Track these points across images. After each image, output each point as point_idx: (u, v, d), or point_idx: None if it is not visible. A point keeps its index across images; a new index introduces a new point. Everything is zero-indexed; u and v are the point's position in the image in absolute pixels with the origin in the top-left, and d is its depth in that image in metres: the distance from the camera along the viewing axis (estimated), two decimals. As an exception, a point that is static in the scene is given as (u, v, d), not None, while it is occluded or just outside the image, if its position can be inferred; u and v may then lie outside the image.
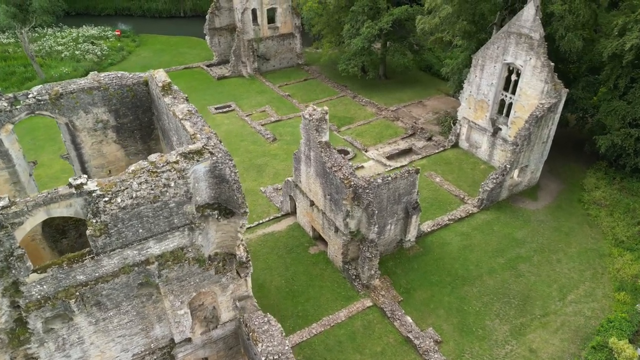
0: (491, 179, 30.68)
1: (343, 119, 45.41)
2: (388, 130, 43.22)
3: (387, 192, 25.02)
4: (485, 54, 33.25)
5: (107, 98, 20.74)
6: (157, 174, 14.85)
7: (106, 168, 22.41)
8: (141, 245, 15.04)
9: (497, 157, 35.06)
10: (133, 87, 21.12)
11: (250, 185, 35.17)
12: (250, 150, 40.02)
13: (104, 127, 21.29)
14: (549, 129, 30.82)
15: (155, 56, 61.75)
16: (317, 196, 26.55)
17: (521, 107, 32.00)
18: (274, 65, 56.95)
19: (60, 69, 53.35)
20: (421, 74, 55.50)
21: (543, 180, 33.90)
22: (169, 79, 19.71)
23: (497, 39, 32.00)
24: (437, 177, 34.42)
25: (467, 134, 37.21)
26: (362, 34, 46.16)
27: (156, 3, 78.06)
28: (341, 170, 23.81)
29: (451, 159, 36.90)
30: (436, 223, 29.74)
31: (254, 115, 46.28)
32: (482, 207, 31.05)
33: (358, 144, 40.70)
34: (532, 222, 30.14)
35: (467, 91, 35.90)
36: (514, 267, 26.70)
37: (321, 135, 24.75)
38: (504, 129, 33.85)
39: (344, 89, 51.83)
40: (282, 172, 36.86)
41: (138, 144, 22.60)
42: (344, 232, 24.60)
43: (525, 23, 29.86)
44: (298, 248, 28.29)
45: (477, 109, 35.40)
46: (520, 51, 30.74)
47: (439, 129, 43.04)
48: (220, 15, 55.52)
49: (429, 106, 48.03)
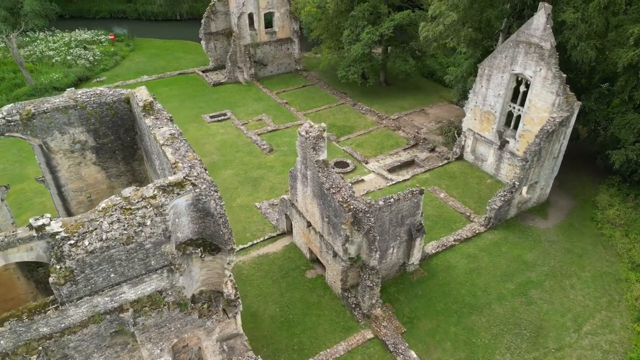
0: (499, 196, 28.97)
1: (342, 129, 43.71)
2: (389, 141, 41.51)
3: (389, 214, 23.32)
4: (492, 64, 31.55)
5: (84, 117, 19.06)
6: (131, 211, 13.15)
7: (85, 191, 20.73)
8: (113, 291, 13.35)
9: (504, 172, 33.35)
10: (113, 105, 19.42)
11: (245, 201, 33.48)
12: (245, 162, 38.33)
13: (82, 148, 19.61)
14: (560, 144, 29.12)
15: (149, 61, 60.04)
16: (314, 217, 24.86)
17: (530, 120, 30.29)
18: (271, 71, 55.25)
19: (51, 75, 51.62)
20: (423, 80, 53.78)
21: (553, 197, 32.19)
22: (150, 97, 18.01)
23: (504, 48, 30.29)
24: (441, 193, 32.70)
25: (473, 146, 35.50)
26: (362, 39, 44.45)
27: (152, 6, 76.31)
28: (340, 192, 22.11)
29: (456, 172, 35.18)
30: (441, 244, 28.03)
31: (250, 124, 44.59)
32: (490, 226, 29.34)
33: (358, 155, 39.00)
34: (542, 243, 28.42)
35: (472, 102, 34.20)
36: (524, 294, 24.99)
37: (318, 154, 23.04)
38: (512, 142, 32.14)
39: (343, 96, 50.13)
40: (279, 186, 35.18)
41: (120, 165, 20.92)
42: (343, 257, 22.90)
43: (535, 32, 28.15)
44: (294, 271, 26.59)
45: (483, 120, 33.69)
46: (529, 61, 29.03)
47: (442, 139, 41.32)
48: (216, 20, 53.81)
49: (431, 114, 46.32)
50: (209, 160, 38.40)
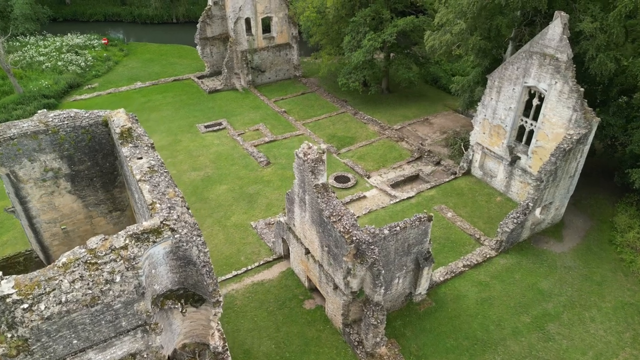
0: (511, 218, 27.01)
1: (343, 139, 41.78)
2: (392, 153, 39.56)
3: (394, 243, 21.36)
4: (502, 75, 29.60)
5: (57, 143, 17.11)
6: (98, 266, 11.21)
7: (60, 223, 18.77)
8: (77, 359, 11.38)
9: (515, 189, 31.39)
10: (89, 129, 17.48)
11: (240, 219, 31.53)
12: (241, 176, 36.38)
13: (55, 176, 17.65)
14: (577, 162, 27.17)
15: (143, 67, 58.11)
16: (313, 245, 22.90)
17: (544, 136, 28.34)
18: (269, 77, 53.32)
19: (40, 82, 49.64)
20: (427, 87, 51.84)
21: (568, 216, 30.25)
22: (129, 122, 16.06)
23: (516, 59, 28.33)
24: (448, 212, 30.74)
25: (481, 161, 33.54)
26: (363, 46, 42.51)
27: (147, 9, 74.37)
28: (341, 221, 20.15)
29: (463, 189, 33.22)
30: (449, 270, 26.06)
31: (246, 135, 42.64)
32: (501, 250, 27.39)
33: (359, 168, 37.04)
34: (558, 269, 26.46)
35: (481, 114, 32.24)
36: (541, 328, 23.03)
37: (318, 178, 21.09)
38: (524, 159, 30.19)
39: (343, 104, 48.18)
40: (276, 203, 33.23)
41: (99, 193, 18.97)
42: (345, 291, 20.94)
43: (551, 42, 26.20)
44: (291, 301, 24.62)
45: (493, 134, 31.74)
46: (544, 74, 27.09)
47: (447, 151, 39.37)
48: (212, 24, 51.86)
49: (435, 124, 44.37)
50: (203, 174, 36.49)
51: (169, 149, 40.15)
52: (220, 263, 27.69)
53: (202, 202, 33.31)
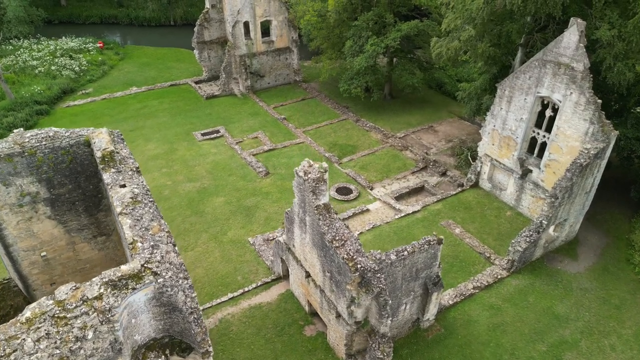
0: (523, 236, 25.51)
1: (345, 148, 40.28)
2: (396, 162, 38.06)
3: (402, 269, 19.88)
4: (513, 84, 28.10)
5: (34, 165, 15.62)
6: (67, 320, 9.72)
7: (40, 250, 17.28)
8: None
9: (526, 203, 29.89)
10: (70, 150, 16.00)
11: (237, 235, 30.05)
12: (238, 187, 34.89)
13: (33, 201, 16.17)
14: (593, 178, 25.68)
15: (139, 71, 56.62)
16: (314, 268, 21.41)
17: (558, 149, 26.84)
18: (268, 82, 51.83)
19: (32, 87, 48.16)
20: (431, 93, 50.33)
21: (582, 233, 28.75)
22: (111, 145, 14.54)
23: (529, 68, 26.84)
24: (456, 228, 29.23)
25: (490, 174, 32.03)
26: (366, 51, 41.02)
27: (144, 11, 72.88)
28: (344, 246, 18.66)
29: (471, 202, 31.72)
30: (459, 292, 24.56)
31: (245, 143, 41.17)
32: (513, 270, 25.89)
33: (362, 179, 35.55)
34: (574, 291, 24.96)
35: (489, 125, 30.74)
36: (558, 358, 21.52)
37: (319, 198, 19.60)
38: (535, 172, 28.69)
39: (345, 110, 46.69)
40: (274, 217, 31.76)
41: (82, 218, 17.48)
42: (348, 321, 19.45)
43: (566, 51, 24.71)
44: (291, 327, 23.12)
45: (502, 146, 30.24)
46: (558, 84, 25.59)
47: (453, 161, 37.87)
48: (210, 28, 50.42)
49: (440, 132, 42.87)
50: (199, 185, 35.01)
51: (164, 158, 38.69)
52: (215, 283, 26.21)
53: (197, 216, 31.84)
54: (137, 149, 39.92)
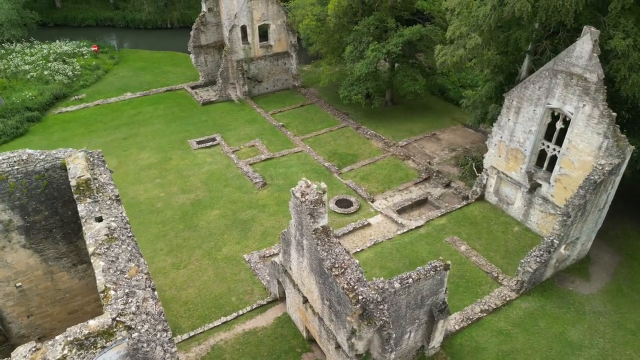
0: (533, 256, 24.16)
1: (345, 157, 38.95)
2: (398, 173, 36.74)
3: (406, 297, 18.54)
4: (522, 95, 26.77)
5: (6, 192, 14.30)
6: (23, 390, 8.36)
7: (14, 281, 15.93)
8: None
9: (534, 219, 28.55)
10: (45, 174, 14.66)
11: (232, 251, 28.73)
12: (234, 199, 33.56)
13: (6, 229, 14.85)
14: (607, 194, 24.35)
15: (134, 76, 55.28)
16: (312, 295, 20.07)
17: (569, 163, 25.51)
18: (266, 87, 50.49)
19: (24, 93, 46.80)
20: (433, 99, 49.00)
21: (594, 250, 27.42)
22: (87, 172, 13.19)
23: (538, 78, 25.50)
24: (461, 245, 27.89)
25: (496, 187, 30.69)
26: (367, 57, 39.69)
27: (140, 13, 71.50)
28: (345, 274, 17.32)
29: (477, 217, 30.38)
30: (465, 316, 23.21)
31: (241, 152, 39.83)
32: (522, 292, 24.55)
33: (363, 191, 34.21)
34: (587, 315, 23.62)
35: (496, 136, 29.40)
36: (572, 389, 20.21)
37: (317, 222, 18.26)
38: (545, 186, 27.35)
39: (345, 117, 45.36)
40: (271, 231, 30.45)
41: (60, 246, 16.14)
42: (349, 354, 18.11)
43: (578, 61, 23.38)
44: (288, 355, 21.78)
45: (510, 158, 28.91)
46: (570, 95, 24.26)
47: (457, 171, 36.53)
48: (207, 32, 49.15)
49: (443, 140, 41.54)
50: (193, 197, 33.67)
51: (158, 167, 37.35)
52: (208, 304, 24.88)
53: (191, 230, 30.51)
54: (130, 158, 38.63)
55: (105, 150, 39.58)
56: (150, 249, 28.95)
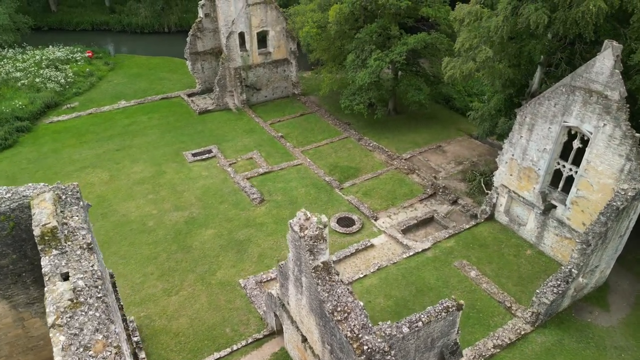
0: (550, 287, 22.48)
1: (346, 171, 37.29)
2: (402, 188, 35.07)
3: (415, 341, 16.88)
4: (536, 111, 25.10)
5: (-35, 235, 12.59)
6: None
7: (-21, 330, 14.27)
8: None
9: (548, 242, 26.88)
10: (11, 215, 13.03)
11: (227, 275, 27.11)
12: (230, 217, 31.92)
13: (-33, 276, 13.14)
14: (629, 220, 22.68)
15: (129, 83, 53.62)
16: (311, 335, 18.42)
17: (587, 186, 23.83)
18: (265, 95, 48.83)
19: (14, 102, 45.14)
20: (438, 107, 47.31)
21: (612, 277, 25.76)
22: (53, 219, 11.52)
23: (554, 94, 23.84)
24: (471, 270, 26.22)
25: (507, 206, 29.03)
26: (369, 66, 38.02)
27: (137, 18, 69.86)
28: (348, 320, 15.65)
29: (487, 238, 28.71)
30: (478, 353, 21.54)
31: (238, 164, 38.19)
32: (538, 324, 22.86)
33: (365, 208, 32.56)
34: (608, 350, 21.95)
35: (507, 153, 27.74)
36: None
37: (317, 258, 16.61)
38: (560, 209, 25.68)
39: (346, 127, 43.71)
40: (269, 253, 28.84)
41: (31, 290, 14.47)
42: (352, 405, 16.42)
43: (598, 77, 21.71)
44: (285, 397, 20.14)
45: (522, 177, 27.24)
46: (589, 113, 22.59)
47: (465, 187, 34.85)
48: (204, 38, 47.50)
49: (449, 153, 39.86)
50: (187, 215, 32.03)
51: (151, 182, 35.71)
52: (201, 337, 23.23)
53: (184, 252, 28.87)
54: (123, 172, 37.01)
55: (97, 163, 38.05)
56: (140, 273, 27.32)
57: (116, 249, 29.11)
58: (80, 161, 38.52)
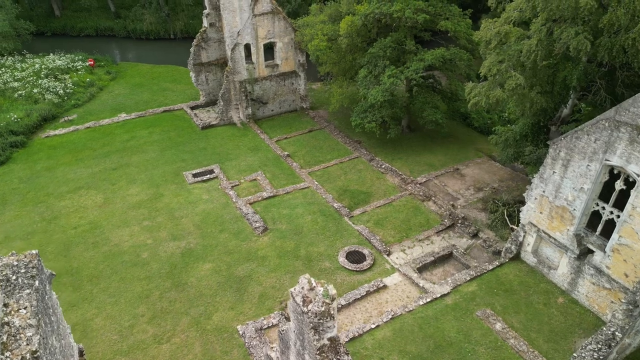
0: (589, 350, 19.65)
1: (357, 196, 34.64)
2: (417, 217, 32.34)
3: None
4: (572, 146, 22.24)
5: None
6: None
7: None
8: None
9: (583, 290, 23.99)
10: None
11: (224, 319, 24.63)
12: (230, 249, 29.46)
13: None
14: (683, 277, 19.78)
15: (131, 93, 51.51)
16: (315, 416, 15.78)
17: (632, 233, 20.94)
18: (272, 110, 46.38)
19: (9, 115, 43.16)
20: (454, 125, 44.41)
21: (657, 334, 22.78)
22: None
23: (595, 129, 20.98)
24: (496, 322, 23.42)
25: (535, 246, 26.19)
26: (383, 83, 35.35)
27: (142, 24, 67.83)
28: (358, 417, 13.00)
29: (513, 282, 25.88)
30: None
31: (241, 187, 35.72)
32: (574, 393, 20.03)
33: (377, 240, 29.89)
34: None
35: (537, 189, 24.89)
36: None
37: (322, 337, 13.99)
38: (599, 255, 22.79)
39: (357, 146, 41.03)
40: (271, 293, 26.33)
41: None
42: None
43: (650, 112, 18.84)
44: None
45: (554, 217, 24.38)
46: (636, 153, 19.72)
47: (486, 217, 32.00)
48: (208, 48, 45.22)
49: (468, 177, 36.98)
50: (184, 246, 29.63)
51: (147, 206, 33.38)
52: (193, 396, 20.76)
53: (178, 290, 26.46)
54: (118, 194, 34.75)
55: (92, 184, 35.86)
56: (130, 314, 24.94)
57: (105, 285, 26.79)
58: (74, 181, 36.32)
